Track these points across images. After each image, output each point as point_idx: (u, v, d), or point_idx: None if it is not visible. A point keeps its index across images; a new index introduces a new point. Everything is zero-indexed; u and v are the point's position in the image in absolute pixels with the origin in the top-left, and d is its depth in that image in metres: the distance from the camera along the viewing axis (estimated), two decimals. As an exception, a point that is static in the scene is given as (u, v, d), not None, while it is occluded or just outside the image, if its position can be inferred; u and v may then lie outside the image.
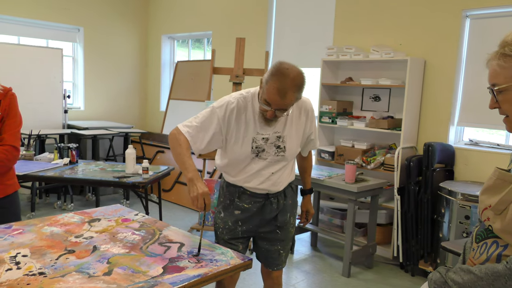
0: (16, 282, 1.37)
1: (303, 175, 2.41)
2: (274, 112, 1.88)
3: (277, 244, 2.18)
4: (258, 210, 2.11)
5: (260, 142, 2.01)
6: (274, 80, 1.81)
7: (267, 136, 2.01)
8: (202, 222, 1.81)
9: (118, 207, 2.25)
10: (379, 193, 3.72)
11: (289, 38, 5.10)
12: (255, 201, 2.10)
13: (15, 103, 2.21)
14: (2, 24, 5.60)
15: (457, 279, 1.19)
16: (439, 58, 3.84)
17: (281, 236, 2.18)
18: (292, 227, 2.23)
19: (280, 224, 2.15)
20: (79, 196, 5.56)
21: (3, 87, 2.18)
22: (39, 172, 3.41)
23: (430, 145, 3.58)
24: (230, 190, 2.13)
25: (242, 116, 1.99)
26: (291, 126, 2.05)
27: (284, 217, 2.16)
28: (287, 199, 2.17)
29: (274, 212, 2.12)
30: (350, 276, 3.56)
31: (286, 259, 2.27)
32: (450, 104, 3.81)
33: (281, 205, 2.14)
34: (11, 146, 2.15)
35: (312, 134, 2.17)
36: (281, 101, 1.84)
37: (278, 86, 1.80)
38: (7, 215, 2.16)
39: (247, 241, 2.20)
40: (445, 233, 3.41)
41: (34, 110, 5.32)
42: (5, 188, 2.20)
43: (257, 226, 2.15)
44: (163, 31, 6.78)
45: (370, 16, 4.29)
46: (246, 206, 2.10)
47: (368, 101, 4.33)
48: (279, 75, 1.81)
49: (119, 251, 1.67)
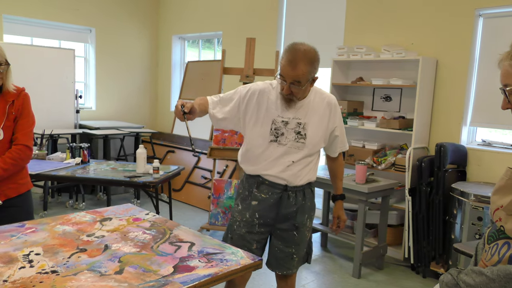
0: (29, 280, 1.39)
1: (333, 179, 2.38)
2: (289, 86, 1.95)
3: (291, 247, 2.16)
4: (276, 202, 2.10)
5: (279, 124, 2.05)
6: (287, 54, 1.94)
7: (287, 119, 2.05)
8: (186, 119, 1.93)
9: (129, 206, 2.26)
10: (390, 193, 3.70)
11: (299, 38, 5.03)
12: (273, 192, 2.10)
13: (28, 103, 2.24)
14: (15, 25, 5.68)
15: (469, 281, 1.18)
16: (452, 57, 3.80)
17: (298, 238, 2.15)
18: (308, 230, 2.20)
19: (298, 224, 2.13)
20: (91, 195, 5.61)
21: (16, 87, 2.21)
22: (52, 172, 3.45)
23: (442, 145, 3.55)
24: (249, 181, 2.15)
25: (264, 98, 2.08)
26: (313, 114, 2.07)
27: (302, 217, 2.14)
28: (306, 200, 2.15)
29: (292, 207, 2.11)
30: (360, 277, 3.54)
31: (298, 265, 2.23)
32: (463, 104, 3.77)
33: (300, 202, 2.12)
34: (24, 145, 2.18)
35: (336, 129, 2.15)
36: (292, 72, 1.91)
37: (290, 58, 1.92)
38: (20, 214, 2.19)
39: (262, 242, 2.18)
40: (457, 235, 3.38)
41: (46, 110, 5.39)
42: (19, 187, 2.24)
43: (273, 220, 2.13)
44: (174, 32, 6.81)
45: (381, 15, 4.26)
46: (264, 196, 2.10)
47: (379, 101, 4.31)
48: (292, 49, 1.94)
49: (130, 250, 1.68)
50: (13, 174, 2.18)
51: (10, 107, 2.15)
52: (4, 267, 1.47)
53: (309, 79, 1.97)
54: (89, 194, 5.61)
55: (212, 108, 2.10)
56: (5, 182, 2.16)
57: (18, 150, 2.16)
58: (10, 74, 2.16)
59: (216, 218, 4.23)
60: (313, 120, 2.07)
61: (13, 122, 2.17)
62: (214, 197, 4.25)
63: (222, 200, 4.23)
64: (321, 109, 2.09)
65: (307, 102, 2.06)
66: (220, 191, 4.24)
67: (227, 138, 4.32)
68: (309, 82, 1.98)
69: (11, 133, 2.17)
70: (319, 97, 2.10)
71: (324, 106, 2.10)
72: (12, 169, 2.14)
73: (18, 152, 2.15)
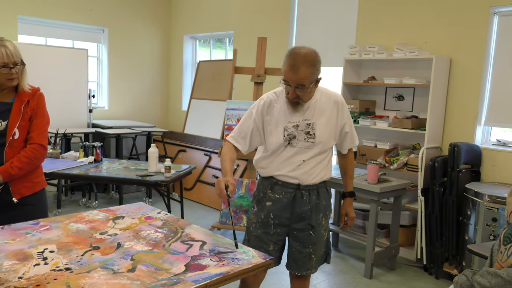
0: (44, 277, 1.41)
1: (343, 176, 2.38)
2: (294, 90, 1.98)
3: (309, 247, 2.17)
4: (289, 201, 2.12)
5: (291, 130, 2.09)
6: (288, 59, 1.99)
7: (297, 123, 2.09)
8: (230, 218, 1.84)
9: (141, 205, 2.28)
10: (402, 194, 3.66)
11: (311, 37, 5.06)
12: (286, 192, 2.12)
13: (43, 103, 2.27)
14: (30, 25, 5.76)
15: (484, 283, 1.16)
16: (466, 56, 3.75)
17: (314, 238, 2.16)
18: (324, 229, 2.21)
19: (313, 223, 2.14)
20: (103, 194, 5.67)
21: (31, 87, 2.24)
22: (65, 170, 3.49)
23: (455, 145, 3.50)
24: (263, 183, 2.19)
25: (273, 108, 2.13)
26: (320, 114, 2.10)
27: (317, 216, 2.15)
28: (321, 199, 2.16)
29: (306, 206, 2.12)
30: (372, 278, 3.52)
31: (317, 265, 2.23)
32: (477, 103, 3.72)
33: (313, 201, 2.14)
34: (39, 144, 2.21)
35: (345, 126, 2.17)
36: (295, 76, 1.95)
37: (291, 63, 1.96)
38: (35, 212, 2.22)
39: (279, 243, 2.18)
40: (471, 236, 3.33)
41: (60, 109, 5.45)
42: (34, 185, 2.27)
43: (289, 220, 2.15)
44: (185, 31, 6.84)
45: (394, 13, 4.22)
46: (278, 196, 2.14)
47: (392, 100, 4.27)
48: (292, 54, 1.99)
49: (142, 248, 1.69)
50: (28, 172, 2.21)
51: (25, 106, 2.18)
52: (19, 264, 1.49)
53: (313, 81, 2.00)
54: (101, 193, 5.66)
55: (238, 145, 2.15)
56: (20, 180, 2.19)
57: (33, 149, 2.18)
58: (26, 74, 2.19)
59: (227, 217, 4.24)
60: (321, 120, 2.10)
61: (28, 122, 2.20)
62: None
63: (233, 199, 4.24)
64: (329, 108, 2.12)
65: (313, 103, 2.10)
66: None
67: (238, 137, 4.32)
68: (313, 84, 2.01)
69: (26, 132, 2.20)
70: (325, 96, 2.13)
71: (331, 105, 2.13)
72: (27, 168, 2.17)
73: (33, 151, 2.18)
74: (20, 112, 2.16)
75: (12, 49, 2.09)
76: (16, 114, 2.15)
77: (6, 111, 2.15)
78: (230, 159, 2.09)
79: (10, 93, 2.19)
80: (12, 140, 2.14)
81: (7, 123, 2.14)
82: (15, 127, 2.14)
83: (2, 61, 2.07)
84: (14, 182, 2.17)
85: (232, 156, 2.11)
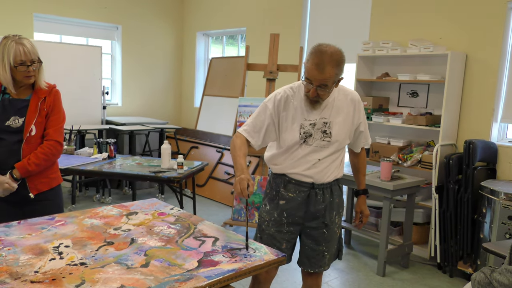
0: (59, 272, 1.43)
1: (356, 174, 2.36)
2: (315, 89, 1.93)
3: (322, 245, 2.15)
4: (303, 200, 2.10)
5: (307, 128, 2.05)
6: (313, 57, 1.91)
7: (314, 121, 2.05)
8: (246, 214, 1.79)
9: (154, 201, 2.30)
10: (416, 191, 3.63)
11: (324, 34, 5.03)
12: (300, 190, 2.09)
13: (59, 99, 2.30)
14: (45, 23, 5.84)
15: (503, 280, 1.15)
16: (482, 52, 3.69)
17: (328, 236, 2.15)
18: (337, 227, 2.20)
19: (327, 222, 2.13)
20: (117, 190, 5.73)
21: (48, 84, 2.27)
22: (80, 166, 3.54)
23: (471, 142, 3.45)
24: (276, 181, 2.15)
25: (290, 104, 2.07)
26: (337, 113, 2.07)
27: (331, 215, 2.14)
28: (334, 197, 2.15)
29: (320, 204, 2.10)
30: (385, 276, 3.50)
31: (329, 262, 2.22)
32: (493, 99, 3.65)
33: (328, 200, 2.12)
34: (55, 141, 2.24)
35: (361, 125, 2.15)
36: (320, 76, 1.89)
37: (317, 61, 1.88)
38: (51, 207, 2.26)
39: (292, 241, 2.17)
40: (486, 234, 3.28)
41: (74, 106, 5.51)
42: (50, 181, 2.30)
43: (302, 219, 2.13)
44: (198, 28, 6.86)
45: (408, 9, 4.16)
46: (291, 195, 2.10)
47: (405, 97, 4.22)
48: (318, 52, 1.90)
49: (155, 244, 1.70)
50: (45, 168, 2.24)
51: (42, 103, 2.21)
52: (35, 258, 1.52)
53: (336, 81, 1.96)
54: (115, 189, 5.72)
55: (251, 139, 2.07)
56: (36, 176, 2.22)
57: (49, 145, 2.22)
58: (43, 72, 2.22)
59: (239, 214, 4.25)
60: (338, 118, 2.07)
61: (44, 118, 2.23)
62: (237, 193, 4.27)
63: (245, 196, 4.24)
64: (345, 107, 2.09)
65: (331, 101, 2.06)
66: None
67: (250, 134, 4.32)
68: (335, 83, 1.97)
69: (43, 129, 2.24)
70: (343, 94, 2.10)
71: (348, 103, 2.10)
72: (44, 164, 2.21)
73: (50, 147, 2.21)
74: (37, 109, 2.19)
75: (29, 47, 2.12)
76: (33, 111, 2.19)
77: (23, 108, 2.19)
78: (244, 154, 2.01)
79: (27, 90, 2.22)
80: (29, 136, 2.17)
81: (24, 119, 2.17)
82: (32, 123, 2.17)
83: (20, 59, 2.09)
84: (31, 178, 2.21)
85: (245, 151, 2.03)
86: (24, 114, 2.18)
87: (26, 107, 2.19)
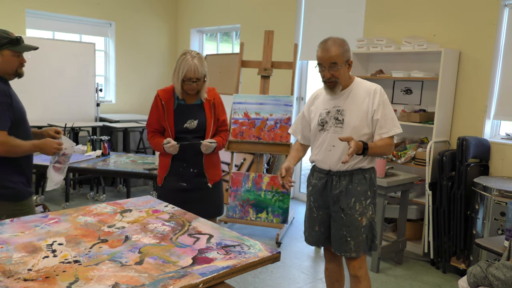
0: (53, 269, 1.42)
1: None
2: (328, 70, 2.14)
3: (342, 229, 2.25)
4: (323, 186, 2.30)
5: (324, 116, 2.27)
6: (320, 45, 2.19)
7: (329, 109, 2.26)
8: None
9: (148, 198, 2.29)
10: (409, 188, 3.65)
11: (318, 31, 5.03)
12: (320, 177, 2.31)
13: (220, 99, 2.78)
14: (38, 19, 5.79)
15: (499, 275, 1.16)
16: (475, 49, 3.71)
17: (347, 221, 2.24)
18: (359, 214, 2.22)
19: (343, 206, 2.23)
20: (111, 187, 5.70)
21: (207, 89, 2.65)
22: (73, 164, 3.52)
23: (464, 139, 3.47)
24: (311, 169, 2.42)
25: (316, 100, 2.36)
26: (352, 102, 2.22)
27: (348, 200, 2.21)
28: (354, 184, 2.21)
29: (335, 190, 2.23)
30: (379, 272, 3.52)
31: (357, 249, 2.24)
32: (486, 97, 3.67)
33: (343, 186, 2.21)
34: (228, 130, 2.81)
35: (376, 112, 2.18)
36: (327, 55, 2.13)
37: (323, 46, 2.17)
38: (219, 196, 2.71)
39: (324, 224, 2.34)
40: (479, 230, 3.31)
41: (68, 103, 5.48)
42: (220, 173, 2.70)
43: (325, 203, 2.31)
44: (192, 25, 6.83)
45: (402, 6, 4.17)
46: (315, 181, 2.34)
47: (399, 94, 4.24)
48: (323, 41, 2.19)
49: (150, 241, 1.70)
50: (217, 163, 2.73)
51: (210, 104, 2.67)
52: (28, 256, 1.51)
53: (344, 60, 2.14)
54: (109, 186, 5.70)
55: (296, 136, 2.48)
56: (212, 168, 2.65)
57: (225, 135, 2.78)
58: (206, 85, 2.58)
59: (233, 211, 4.25)
60: (351, 107, 2.21)
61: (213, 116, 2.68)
62: (232, 190, 4.27)
63: (239, 193, 4.25)
64: (361, 96, 2.22)
65: (348, 92, 2.23)
66: (237, 184, 4.26)
67: (245, 131, 4.32)
68: (345, 64, 2.15)
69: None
70: (361, 88, 2.25)
71: (364, 94, 2.22)
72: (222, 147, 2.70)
73: (225, 137, 2.77)
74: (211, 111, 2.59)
75: (199, 66, 2.43)
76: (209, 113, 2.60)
77: (197, 111, 2.55)
78: (295, 149, 2.45)
79: (195, 96, 2.58)
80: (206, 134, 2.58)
81: (197, 121, 2.55)
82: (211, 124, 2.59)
83: (189, 75, 2.41)
84: (208, 170, 2.58)
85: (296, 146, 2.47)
86: (197, 117, 2.57)
87: (199, 111, 2.59)
